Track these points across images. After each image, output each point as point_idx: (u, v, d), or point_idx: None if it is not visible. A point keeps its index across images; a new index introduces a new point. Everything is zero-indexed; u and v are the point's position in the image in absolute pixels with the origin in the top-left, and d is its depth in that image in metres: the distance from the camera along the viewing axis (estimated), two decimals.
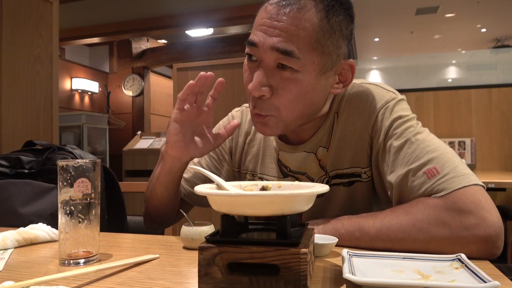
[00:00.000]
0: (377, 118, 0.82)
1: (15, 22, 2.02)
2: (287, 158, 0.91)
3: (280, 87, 0.76)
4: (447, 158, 0.72)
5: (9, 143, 1.95)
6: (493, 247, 0.64)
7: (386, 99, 0.83)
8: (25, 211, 1.08)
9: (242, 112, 1.04)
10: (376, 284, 0.48)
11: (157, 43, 6.78)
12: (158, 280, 0.57)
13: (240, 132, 1.01)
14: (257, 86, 0.75)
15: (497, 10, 6.11)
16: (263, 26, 0.75)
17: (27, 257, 0.71)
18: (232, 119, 1.04)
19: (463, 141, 3.30)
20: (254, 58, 0.78)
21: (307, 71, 0.75)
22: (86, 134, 5.78)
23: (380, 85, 0.87)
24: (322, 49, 0.75)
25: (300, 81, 0.75)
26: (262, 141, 0.98)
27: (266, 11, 0.76)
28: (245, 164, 1.00)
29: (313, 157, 0.88)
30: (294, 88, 0.75)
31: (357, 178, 0.86)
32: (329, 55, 0.76)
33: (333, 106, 0.87)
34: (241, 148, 1.01)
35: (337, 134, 0.86)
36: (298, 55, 0.72)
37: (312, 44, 0.73)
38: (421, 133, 0.78)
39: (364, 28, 6.88)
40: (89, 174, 0.66)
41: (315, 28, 0.73)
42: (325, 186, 0.55)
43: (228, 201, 0.53)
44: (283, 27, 0.72)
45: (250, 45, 0.77)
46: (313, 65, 0.75)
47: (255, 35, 0.76)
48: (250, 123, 1.00)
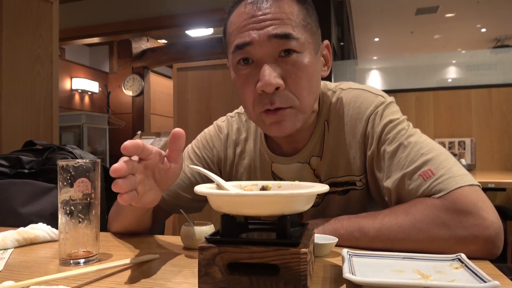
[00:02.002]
0: (367, 125, 0.82)
1: (15, 22, 2.02)
2: (281, 170, 0.90)
3: (290, 75, 0.75)
4: (441, 159, 0.72)
5: (9, 143, 1.95)
6: (493, 247, 0.64)
7: (375, 104, 0.83)
8: (25, 211, 1.08)
9: (227, 122, 0.99)
10: (376, 284, 0.48)
11: (157, 43, 6.78)
12: (158, 280, 0.57)
13: (228, 143, 0.97)
14: (271, 79, 0.73)
15: (497, 10, 6.11)
16: (249, 25, 0.74)
17: (27, 257, 0.71)
18: (219, 130, 0.99)
19: (463, 141, 3.30)
20: (250, 61, 0.76)
21: (307, 51, 0.77)
22: (86, 134, 5.78)
23: (368, 89, 0.87)
24: (311, 29, 0.78)
25: (306, 63, 0.76)
26: (253, 153, 0.94)
27: (245, 13, 0.75)
28: (237, 176, 0.96)
29: (307, 167, 0.87)
30: (303, 72, 0.76)
31: (351, 186, 0.85)
32: (316, 35, 0.80)
33: (322, 113, 0.87)
34: (231, 160, 0.96)
35: (330, 143, 0.86)
36: (296, 36, 0.74)
37: (303, 25, 0.76)
38: (413, 135, 0.78)
39: (364, 28, 6.88)
40: (89, 174, 0.66)
41: (299, 11, 0.77)
42: (325, 186, 0.55)
43: (228, 201, 0.53)
44: (272, 17, 0.74)
45: (241, 48, 0.75)
46: (310, 45, 0.77)
47: (244, 36, 0.75)
48: (238, 133, 0.97)
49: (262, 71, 0.74)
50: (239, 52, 0.76)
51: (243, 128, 0.97)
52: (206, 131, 1.01)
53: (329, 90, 0.89)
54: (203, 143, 0.98)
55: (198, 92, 2.86)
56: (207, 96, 2.84)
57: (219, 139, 0.98)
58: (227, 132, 0.98)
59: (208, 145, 0.98)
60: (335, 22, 4.49)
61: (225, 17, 0.82)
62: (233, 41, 0.77)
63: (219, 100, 2.81)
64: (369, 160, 0.82)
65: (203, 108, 2.83)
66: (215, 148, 0.97)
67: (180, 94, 2.91)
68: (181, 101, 2.91)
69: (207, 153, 0.97)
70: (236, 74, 0.79)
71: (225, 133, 0.98)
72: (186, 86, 2.89)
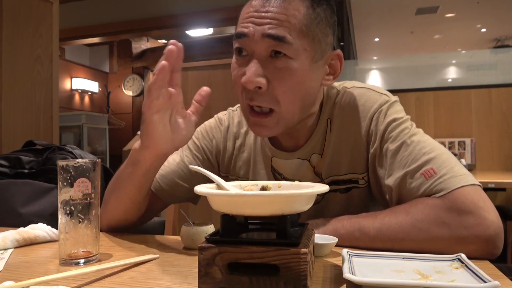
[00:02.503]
0: (371, 123, 0.82)
1: (15, 22, 2.02)
2: (281, 165, 0.90)
3: (275, 78, 0.75)
4: (443, 159, 0.72)
5: (9, 143, 1.95)
6: (493, 247, 0.64)
7: (380, 103, 0.83)
8: (25, 211, 1.08)
9: (229, 115, 1.00)
10: (376, 284, 0.48)
11: (157, 43, 6.77)
12: (158, 280, 0.57)
13: (228, 135, 0.97)
14: (252, 77, 0.74)
15: (497, 10, 6.11)
16: (251, 18, 0.75)
17: (27, 257, 0.71)
18: (219, 122, 0.99)
19: (463, 141, 3.30)
20: (244, 52, 0.77)
21: (300, 59, 0.75)
22: (86, 134, 5.78)
23: (372, 88, 0.87)
24: (313, 36, 0.76)
25: (295, 70, 0.75)
26: (253, 146, 0.94)
27: (251, 6, 0.77)
28: (235, 169, 0.96)
29: (307, 164, 0.87)
30: (289, 78, 0.75)
31: (354, 184, 0.86)
32: (319, 43, 0.77)
33: (325, 111, 0.87)
34: (230, 152, 0.97)
35: (332, 141, 0.86)
36: (290, 40, 0.73)
37: (303, 30, 0.74)
38: (416, 135, 0.78)
39: (364, 28, 6.88)
40: (89, 174, 0.66)
41: (304, 15, 0.75)
42: (325, 186, 0.55)
43: (228, 201, 0.53)
44: (272, 16, 0.74)
45: (239, 38, 0.77)
46: (305, 52, 0.75)
47: (243, 27, 0.76)
48: (238, 126, 0.97)
49: (248, 67, 0.75)
50: (236, 40, 0.78)
51: (244, 121, 0.96)
52: (207, 122, 1.01)
53: (333, 89, 0.89)
54: (203, 134, 0.98)
55: None
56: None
57: (219, 131, 0.98)
58: (227, 124, 0.98)
59: (208, 136, 0.98)
60: None
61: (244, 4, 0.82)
62: (236, 29, 0.79)
63: (219, 100, 2.81)
64: (371, 158, 0.82)
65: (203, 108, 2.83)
66: (215, 139, 0.98)
67: None
68: None
69: (206, 144, 0.97)
70: (234, 61, 0.81)
71: (225, 125, 0.98)
72: (186, 86, 2.89)
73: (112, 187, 0.86)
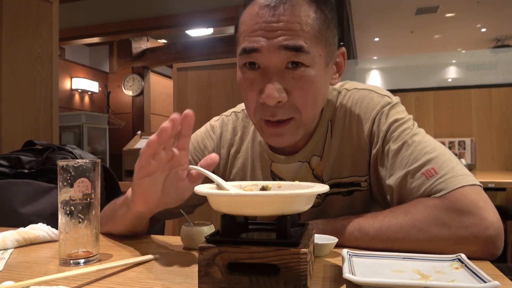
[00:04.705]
0: (373, 125, 0.82)
1: (15, 22, 2.02)
2: (281, 169, 0.89)
3: (295, 88, 0.73)
4: (445, 159, 0.72)
5: (9, 143, 1.95)
6: (493, 247, 0.64)
7: (382, 104, 0.82)
8: (25, 211, 1.08)
9: (222, 122, 0.97)
10: (376, 284, 0.48)
11: (157, 43, 6.78)
12: (158, 280, 0.56)
13: (222, 143, 0.95)
14: (274, 93, 0.71)
15: (497, 10, 6.11)
16: (260, 30, 0.72)
17: (27, 257, 0.71)
18: (211, 130, 0.97)
19: (463, 141, 3.30)
20: (256, 65, 0.74)
21: (316, 65, 0.74)
22: (86, 134, 5.78)
23: (374, 89, 0.86)
24: (325, 41, 0.75)
25: (313, 77, 0.74)
26: (249, 152, 0.92)
27: (257, 16, 0.72)
28: (230, 177, 0.94)
29: (306, 167, 0.87)
30: (309, 86, 0.74)
31: (356, 187, 0.85)
32: (330, 46, 0.76)
33: (326, 113, 0.86)
34: (225, 160, 0.94)
35: (334, 143, 0.85)
36: (307, 49, 0.71)
37: (317, 37, 0.73)
38: (417, 135, 0.78)
39: (364, 28, 6.87)
40: (89, 174, 0.66)
41: (315, 20, 0.73)
42: (325, 186, 0.55)
43: (228, 201, 0.53)
44: (285, 26, 0.71)
45: (249, 53, 0.73)
46: (320, 58, 0.74)
47: (253, 41, 0.72)
48: (233, 132, 0.95)
49: (267, 84, 0.72)
50: (246, 56, 0.74)
51: (239, 127, 0.95)
52: (198, 132, 0.98)
53: (334, 90, 0.88)
54: (194, 146, 0.95)
55: (198, 92, 2.86)
56: (207, 96, 2.84)
57: (211, 140, 0.96)
58: (220, 132, 0.96)
59: (199, 147, 0.95)
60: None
61: (240, 9, 0.79)
62: (242, 43, 0.75)
63: (219, 100, 2.81)
64: (373, 159, 0.82)
65: (203, 108, 2.83)
66: (207, 150, 0.95)
67: (180, 94, 2.91)
68: (181, 101, 2.91)
69: (198, 155, 0.94)
70: (242, 76, 0.78)
71: (218, 133, 0.96)
72: (186, 86, 2.89)
73: (109, 215, 0.85)
